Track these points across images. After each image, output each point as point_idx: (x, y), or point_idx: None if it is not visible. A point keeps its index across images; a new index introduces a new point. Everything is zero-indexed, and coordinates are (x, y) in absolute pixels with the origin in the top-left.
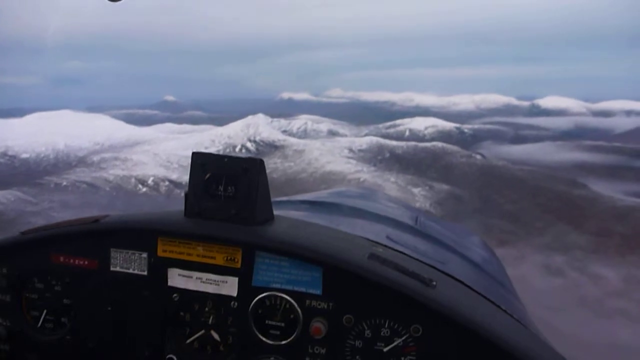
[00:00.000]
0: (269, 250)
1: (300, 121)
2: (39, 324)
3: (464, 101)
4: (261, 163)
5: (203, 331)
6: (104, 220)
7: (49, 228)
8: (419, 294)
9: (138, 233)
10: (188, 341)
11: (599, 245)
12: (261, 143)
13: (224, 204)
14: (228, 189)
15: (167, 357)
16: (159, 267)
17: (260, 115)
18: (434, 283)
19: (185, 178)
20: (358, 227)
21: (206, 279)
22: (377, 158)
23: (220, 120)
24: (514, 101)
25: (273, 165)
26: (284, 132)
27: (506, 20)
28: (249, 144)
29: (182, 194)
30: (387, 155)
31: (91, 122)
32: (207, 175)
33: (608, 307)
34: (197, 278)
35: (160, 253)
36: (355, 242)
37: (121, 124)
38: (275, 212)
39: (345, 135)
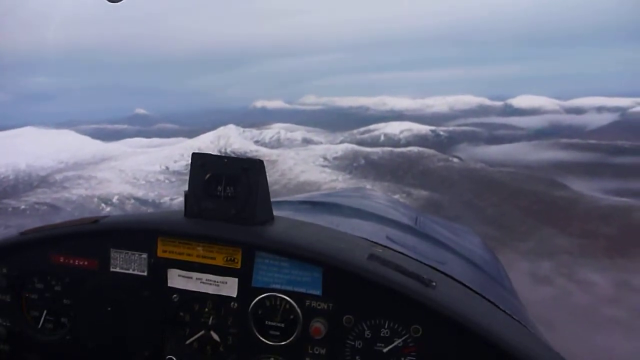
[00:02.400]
0: (269, 250)
1: (273, 130)
2: (39, 324)
3: (438, 103)
4: (261, 163)
5: (203, 332)
6: (103, 220)
7: (49, 228)
8: (418, 294)
9: (138, 233)
10: (188, 342)
11: (585, 249)
12: (233, 155)
13: (223, 204)
14: (228, 189)
15: (167, 357)
16: (158, 268)
17: (231, 126)
18: (434, 283)
19: (152, 195)
20: (358, 228)
21: (206, 280)
22: (353, 165)
23: (191, 132)
24: (487, 101)
25: None
26: (257, 142)
27: (477, 22)
28: None
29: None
30: (363, 162)
31: (56, 139)
32: (207, 176)
33: (601, 317)
34: (197, 279)
35: (160, 253)
36: (355, 242)
37: (88, 140)
38: (275, 213)
39: (320, 143)
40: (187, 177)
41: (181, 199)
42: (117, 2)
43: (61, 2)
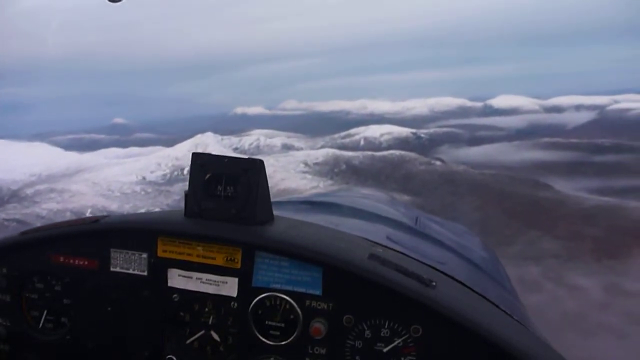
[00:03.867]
0: (269, 250)
1: (253, 137)
2: (39, 324)
3: (418, 105)
4: (261, 163)
5: (203, 331)
6: (104, 220)
7: (49, 228)
8: (418, 294)
9: (138, 233)
10: (188, 341)
11: (572, 252)
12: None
13: (223, 204)
14: (228, 189)
15: (167, 357)
16: (159, 268)
17: (209, 134)
18: (434, 283)
19: (127, 207)
20: (358, 227)
21: (206, 280)
22: (334, 171)
23: (170, 141)
24: (467, 102)
25: None
26: (235, 149)
27: (455, 24)
28: None
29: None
30: (344, 167)
31: (28, 152)
32: (207, 176)
33: (593, 324)
34: (197, 278)
35: (160, 253)
36: (355, 242)
37: (61, 152)
38: (275, 213)
39: (301, 149)
40: (164, 188)
41: (157, 210)
42: (118, 1)
43: (33, 9)
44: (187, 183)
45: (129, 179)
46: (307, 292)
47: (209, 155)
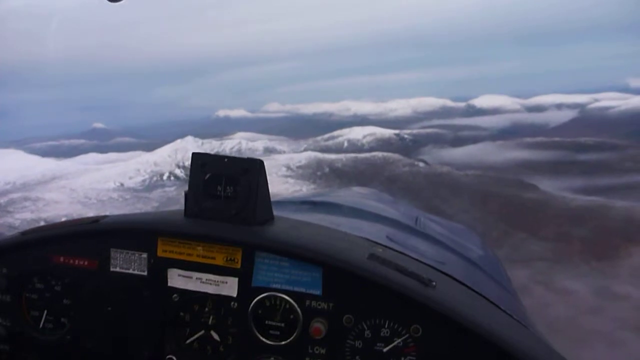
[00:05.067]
0: (269, 250)
1: (234, 141)
2: (39, 324)
3: (401, 106)
4: (261, 163)
5: (203, 331)
6: (104, 220)
7: (49, 228)
8: (418, 294)
9: (138, 233)
10: (188, 341)
11: (560, 254)
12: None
13: (223, 204)
14: (228, 189)
15: (167, 357)
16: (158, 268)
17: (189, 139)
18: (434, 283)
19: (104, 214)
20: (358, 227)
21: (206, 280)
22: (317, 174)
23: (151, 145)
24: (449, 103)
25: None
26: (217, 154)
27: (436, 25)
28: (177, 171)
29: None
30: (327, 170)
31: (3, 159)
32: (207, 176)
33: (584, 330)
34: (197, 278)
35: (160, 253)
36: (355, 242)
37: (38, 159)
38: (275, 213)
39: (283, 152)
40: (143, 194)
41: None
42: (117, 1)
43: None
44: (166, 189)
45: (107, 185)
46: (307, 292)
47: (209, 155)
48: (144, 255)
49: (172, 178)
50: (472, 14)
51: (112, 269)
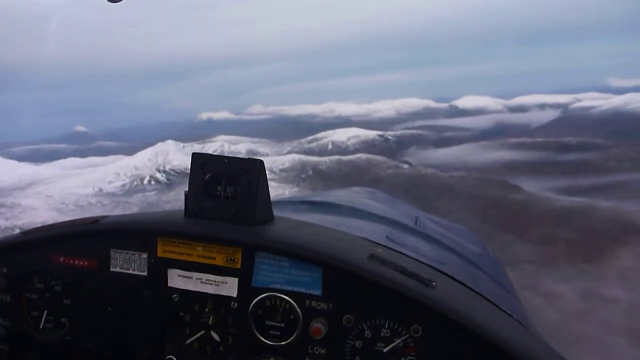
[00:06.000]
0: (269, 250)
1: (216, 144)
2: (39, 324)
3: (385, 107)
4: (261, 163)
5: (203, 332)
6: (104, 220)
7: (49, 228)
8: (418, 294)
9: (138, 233)
10: (188, 342)
11: (546, 256)
12: (172, 172)
13: (223, 204)
14: (228, 189)
15: (167, 357)
16: (158, 268)
17: (170, 142)
18: (434, 283)
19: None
20: (358, 227)
21: (206, 280)
22: (301, 177)
23: (132, 149)
24: (432, 104)
25: (181, 198)
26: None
27: (419, 26)
28: (158, 175)
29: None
30: (311, 172)
31: None
32: (207, 176)
33: (574, 335)
34: (197, 278)
35: (160, 253)
36: (355, 242)
37: (15, 164)
38: (275, 213)
39: (267, 155)
40: (122, 199)
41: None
42: (117, 1)
43: None
44: (146, 194)
45: (85, 190)
46: (307, 292)
47: (209, 155)
48: (144, 255)
49: (152, 182)
50: (454, 15)
51: (112, 269)
